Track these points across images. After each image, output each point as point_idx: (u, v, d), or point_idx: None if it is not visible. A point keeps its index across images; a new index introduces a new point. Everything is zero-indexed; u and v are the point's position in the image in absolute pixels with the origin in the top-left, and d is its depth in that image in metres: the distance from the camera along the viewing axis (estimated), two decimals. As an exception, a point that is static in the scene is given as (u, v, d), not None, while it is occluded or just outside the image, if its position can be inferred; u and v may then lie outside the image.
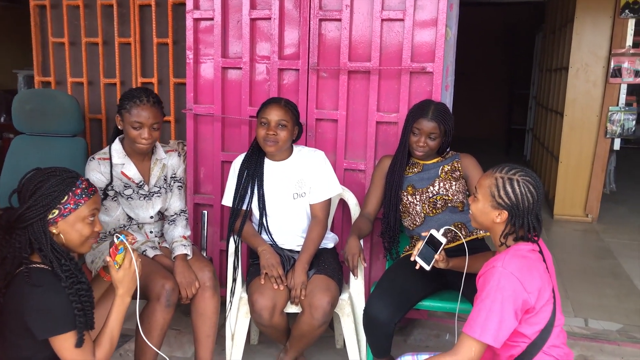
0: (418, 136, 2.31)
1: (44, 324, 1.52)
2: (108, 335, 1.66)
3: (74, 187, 1.63)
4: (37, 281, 1.53)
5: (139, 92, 2.22)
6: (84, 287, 1.59)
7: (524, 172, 1.68)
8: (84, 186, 1.66)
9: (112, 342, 1.67)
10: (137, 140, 2.21)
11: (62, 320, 1.53)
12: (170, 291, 2.12)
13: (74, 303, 1.54)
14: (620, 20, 4.45)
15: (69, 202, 1.62)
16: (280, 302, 2.22)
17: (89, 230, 1.67)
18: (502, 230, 1.70)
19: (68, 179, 1.63)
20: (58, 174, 1.63)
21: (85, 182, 1.67)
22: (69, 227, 1.63)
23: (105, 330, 1.67)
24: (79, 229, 1.65)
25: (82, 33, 3.15)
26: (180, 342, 2.78)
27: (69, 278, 1.56)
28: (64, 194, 1.61)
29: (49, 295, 1.53)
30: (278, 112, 2.27)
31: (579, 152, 4.82)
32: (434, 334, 2.90)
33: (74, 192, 1.63)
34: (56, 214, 1.60)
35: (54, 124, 2.78)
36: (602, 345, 2.79)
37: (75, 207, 1.63)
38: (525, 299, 1.58)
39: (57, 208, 1.60)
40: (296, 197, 2.38)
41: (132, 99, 2.19)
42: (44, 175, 1.62)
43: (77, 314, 1.54)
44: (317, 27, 2.67)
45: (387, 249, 2.47)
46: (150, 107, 2.20)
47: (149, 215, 2.36)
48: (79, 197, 1.63)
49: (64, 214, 1.61)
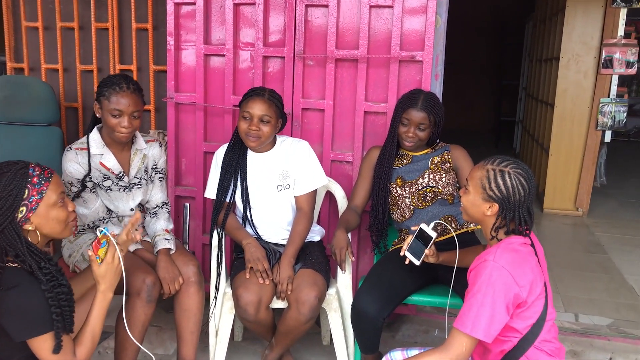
0: (407, 127, 2.26)
1: (20, 325, 1.46)
2: (89, 333, 1.61)
3: (29, 178, 1.54)
4: (11, 282, 1.46)
5: (118, 79, 2.15)
6: (64, 290, 1.53)
7: (516, 164, 1.66)
8: (38, 172, 1.56)
9: (94, 339, 1.63)
10: (117, 129, 2.14)
11: (39, 322, 1.47)
12: (152, 286, 2.08)
13: (53, 307, 1.48)
14: (612, 9, 4.41)
15: (32, 195, 1.53)
16: (266, 297, 2.17)
17: (64, 213, 1.61)
18: (493, 223, 1.68)
19: (19, 171, 1.53)
20: (6, 170, 1.52)
21: (37, 167, 1.57)
22: (43, 218, 1.56)
23: (87, 327, 1.62)
24: (54, 216, 1.58)
25: (57, 17, 3.05)
26: (161, 339, 2.71)
27: (50, 281, 1.50)
28: (23, 188, 1.52)
29: (25, 296, 1.46)
30: (261, 106, 2.20)
31: (570, 144, 4.78)
32: (423, 329, 2.86)
33: (31, 183, 1.54)
34: (25, 212, 1.52)
35: (28, 112, 2.69)
36: (592, 340, 2.77)
37: (40, 197, 1.55)
38: (516, 293, 1.56)
39: (23, 205, 1.52)
40: (280, 189, 2.33)
41: (111, 86, 2.12)
42: None
43: (55, 319, 1.48)
44: (304, 13, 2.59)
45: (375, 243, 2.43)
46: (130, 94, 2.13)
47: (129, 208, 2.30)
48: (39, 186, 1.55)
49: (32, 208, 1.53)
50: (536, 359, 1.61)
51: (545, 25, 5.65)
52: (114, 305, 1.83)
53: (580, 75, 4.66)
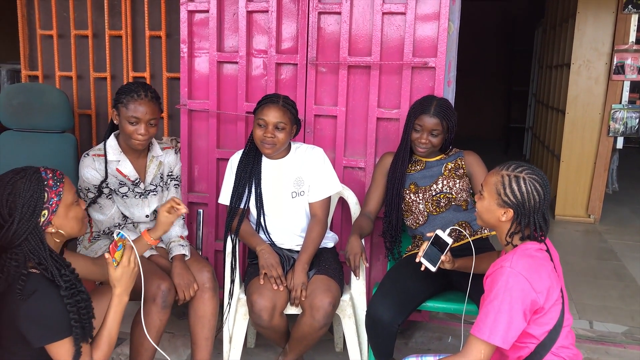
0: (420, 133, 2.26)
1: (39, 331, 1.47)
2: (106, 337, 1.62)
3: (45, 181, 1.56)
4: (30, 288, 1.47)
5: (136, 87, 2.17)
6: (83, 297, 1.54)
7: (531, 170, 1.65)
8: (51, 175, 1.59)
9: (111, 343, 1.63)
10: (133, 136, 2.16)
11: (57, 327, 1.48)
12: (167, 292, 2.08)
13: (72, 314, 1.49)
14: (623, 15, 4.39)
15: (52, 197, 1.56)
16: (280, 303, 2.17)
17: (81, 211, 1.65)
18: (507, 229, 1.67)
19: (33, 176, 1.54)
20: (20, 177, 1.53)
21: (48, 170, 1.60)
22: (64, 219, 1.59)
23: (103, 331, 1.63)
24: (73, 214, 1.61)
25: (71, 25, 3.08)
26: (174, 345, 2.71)
27: (69, 289, 1.51)
28: (42, 192, 1.54)
29: (43, 302, 1.47)
30: (276, 113, 2.20)
31: (581, 151, 4.75)
32: (436, 336, 2.84)
33: (48, 186, 1.56)
34: (47, 215, 1.54)
35: (42, 119, 2.70)
36: (607, 348, 2.74)
37: (58, 198, 1.57)
38: (534, 299, 1.55)
39: (45, 208, 1.54)
40: (295, 195, 2.32)
41: (129, 93, 2.14)
42: (6, 185, 1.51)
43: (74, 325, 1.49)
44: (316, 20, 2.60)
45: (389, 249, 2.41)
46: (148, 102, 2.15)
47: (145, 214, 2.31)
48: (55, 188, 1.57)
49: (53, 210, 1.55)
50: None
51: (556, 31, 5.63)
52: (128, 311, 1.83)
53: (592, 81, 4.64)
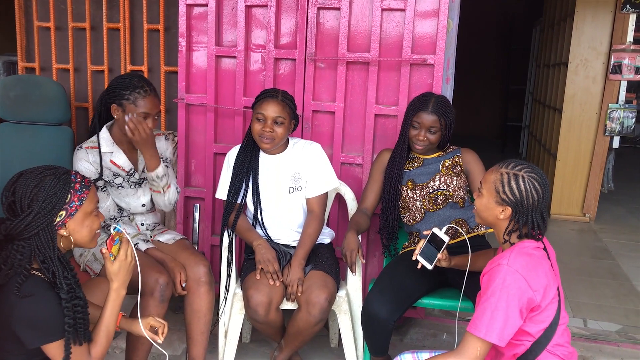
0: (418, 130, 2.26)
1: (33, 333, 1.47)
2: (104, 332, 1.62)
3: (72, 183, 1.56)
4: (27, 290, 1.46)
5: (139, 82, 2.16)
6: (80, 302, 1.53)
7: (531, 168, 1.65)
8: (79, 180, 1.59)
9: (109, 337, 1.63)
10: None
11: (51, 330, 1.48)
12: (165, 286, 2.08)
13: (67, 318, 1.48)
14: (621, 15, 4.41)
15: (74, 200, 1.55)
16: (276, 298, 2.17)
17: (97, 223, 1.63)
18: (505, 226, 1.67)
19: (63, 175, 1.55)
20: (50, 173, 1.53)
21: (78, 175, 1.60)
22: (78, 225, 1.58)
23: (101, 326, 1.62)
24: (89, 224, 1.60)
25: (69, 17, 3.05)
26: (169, 339, 2.70)
27: (69, 292, 1.50)
28: (67, 192, 1.53)
29: (39, 304, 1.47)
30: (275, 108, 2.20)
31: (577, 150, 4.77)
32: (431, 333, 2.85)
33: (74, 189, 1.56)
34: (64, 216, 1.54)
35: (39, 111, 2.68)
36: (601, 346, 2.76)
37: (80, 203, 1.56)
38: (530, 297, 1.56)
39: (64, 209, 1.53)
40: (292, 191, 2.32)
41: (134, 90, 2.13)
42: (35, 177, 1.51)
43: (67, 330, 1.48)
44: (315, 15, 2.59)
45: (386, 246, 2.42)
46: (153, 97, 2.17)
47: (141, 204, 2.31)
48: (80, 192, 1.57)
49: (71, 213, 1.55)
50: None
51: (554, 30, 5.64)
52: (124, 305, 1.81)
53: (589, 80, 4.65)
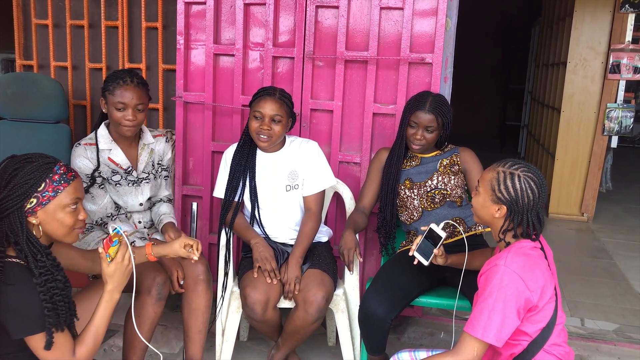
0: (415, 129, 2.26)
1: (17, 323, 1.45)
2: (92, 333, 1.58)
3: (51, 174, 1.53)
4: (10, 278, 1.44)
5: (122, 73, 2.19)
6: (59, 285, 1.50)
7: (528, 168, 1.65)
8: (62, 172, 1.56)
9: (96, 340, 1.59)
10: (121, 121, 2.16)
11: (32, 321, 1.46)
12: (162, 284, 2.08)
13: (44, 302, 1.45)
14: (620, 15, 4.41)
15: (47, 190, 1.53)
16: (274, 297, 2.17)
17: (71, 219, 1.57)
18: (501, 225, 1.67)
19: (45, 165, 1.53)
20: (34, 160, 1.53)
21: (63, 167, 1.58)
22: (49, 216, 1.54)
23: (90, 327, 1.59)
24: (61, 218, 1.55)
25: (67, 15, 3.04)
26: (167, 337, 2.71)
27: (43, 275, 1.47)
28: (41, 181, 1.51)
29: (22, 293, 1.45)
30: (273, 106, 2.20)
31: (576, 149, 4.78)
32: (428, 332, 2.85)
33: (51, 179, 1.53)
34: (34, 203, 1.51)
35: (37, 109, 2.68)
36: (598, 345, 2.76)
37: (54, 194, 1.53)
38: (528, 297, 1.56)
39: (35, 197, 1.51)
40: (289, 189, 2.32)
41: (115, 80, 2.16)
42: (19, 162, 1.52)
43: (47, 314, 1.46)
44: (314, 14, 2.59)
45: (383, 245, 2.42)
46: (134, 88, 2.16)
47: (139, 202, 2.32)
48: (57, 184, 1.54)
49: (42, 202, 1.52)
50: None
51: (552, 30, 5.64)
52: (122, 303, 1.82)
53: (588, 80, 4.66)
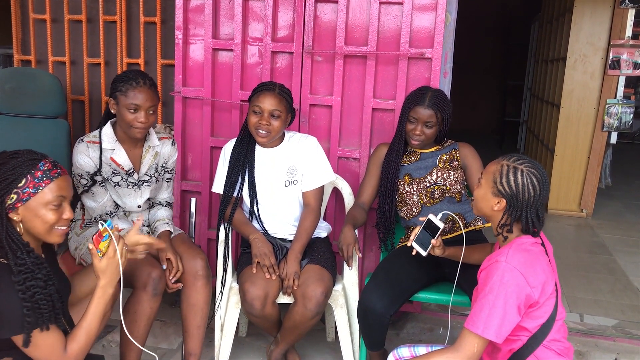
0: (414, 124, 2.26)
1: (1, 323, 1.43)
2: (84, 329, 1.55)
3: (33, 170, 1.51)
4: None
5: (134, 74, 2.15)
6: (39, 283, 1.47)
7: (532, 164, 1.64)
8: (46, 168, 1.53)
9: (89, 336, 1.56)
10: (133, 124, 2.13)
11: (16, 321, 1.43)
12: (158, 280, 2.07)
13: (24, 301, 1.43)
14: (620, 10, 4.40)
15: (28, 186, 1.50)
16: (273, 292, 2.17)
17: (53, 217, 1.54)
18: (499, 219, 1.67)
19: (28, 161, 1.51)
20: (19, 156, 1.51)
21: (49, 164, 1.54)
22: (30, 213, 1.51)
23: (82, 323, 1.56)
24: (42, 215, 1.52)
25: (65, 9, 3.03)
26: (165, 333, 2.71)
27: (22, 273, 1.45)
28: (22, 177, 1.49)
29: (3, 293, 1.42)
30: (272, 101, 2.19)
31: (575, 145, 4.78)
32: (428, 327, 2.86)
33: (33, 175, 1.51)
34: (14, 199, 1.49)
35: (35, 104, 2.68)
36: (597, 341, 2.77)
37: (35, 191, 1.51)
38: (528, 293, 1.56)
39: (15, 193, 1.49)
40: (288, 184, 2.32)
41: (127, 81, 2.12)
42: (5, 158, 1.51)
43: (25, 313, 1.43)
44: (313, 8, 2.59)
45: (382, 240, 2.42)
46: (147, 90, 2.13)
47: (137, 204, 2.30)
48: (39, 180, 1.51)
49: (22, 198, 1.49)
50: (545, 357, 1.61)
51: (552, 25, 5.63)
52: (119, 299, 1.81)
53: (587, 76, 4.65)
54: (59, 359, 1.50)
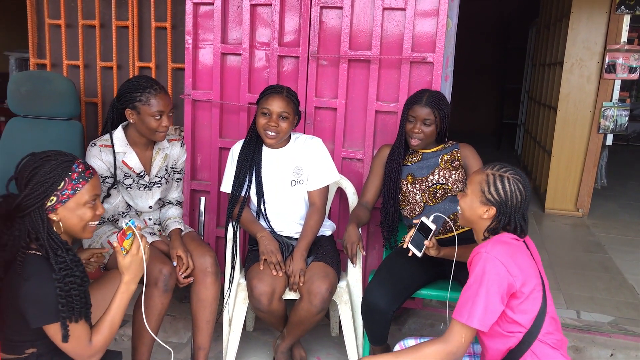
0: (413, 123, 2.32)
1: (36, 312, 1.50)
2: (108, 322, 1.64)
3: (69, 172, 1.59)
4: (30, 269, 1.50)
5: (146, 82, 2.18)
6: (76, 280, 1.55)
7: (514, 171, 1.72)
8: (80, 170, 1.61)
9: (112, 328, 1.64)
10: (159, 129, 2.19)
11: (50, 311, 1.50)
12: (168, 276, 2.12)
13: (60, 297, 1.50)
14: (616, 16, 4.48)
15: (67, 188, 1.58)
16: (279, 288, 2.22)
17: (90, 214, 1.64)
18: (487, 226, 1.73)
19: (63, 163, 1.59)
20: (53, 158, 1.58)
21: (82, 165, 1.62)
22: (70, 213, 1.60)
23: (106, 316, 1.64)
24: (81, 214, 1.62)
25: (79, 15, 3.10)
26: (175, 327, 2.77)
27: (62, 270, 1.52)
28: (60, 180, 1.57)
29: (41, 284, 1.50)
30: (280, 103, 2.25)
31: (572, 146, 4.85)
32: (429, 323, 2.91)
33: (70, 177, 1.59)
34: (54, 201, 1.57)
35: (49, 106, 2.74)
36: (594, 337, 2.81)
37: (73, 192, 1.59)
38: (510, 282, 1.61)
39: (55, 195, 1.56)
40: (294, 184, 2.38)
41: (144, 90, 2.15)
42: (38, 160, 1.57)
43: (61, 309, 1.50)
44: (318, 14, 2.65)
45: (387, 239, 2.47)
46: (165, 95, 2.19)
47: (148, 205, 2.35)
48: (76, 182, 1.59)
49: (62, 200, 1.58)
50: (540, 351, 1.65)
51: (549, 30, 5.71)
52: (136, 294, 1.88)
53: (584, 79, 4.73)
54: (85, 349, 1.58)
